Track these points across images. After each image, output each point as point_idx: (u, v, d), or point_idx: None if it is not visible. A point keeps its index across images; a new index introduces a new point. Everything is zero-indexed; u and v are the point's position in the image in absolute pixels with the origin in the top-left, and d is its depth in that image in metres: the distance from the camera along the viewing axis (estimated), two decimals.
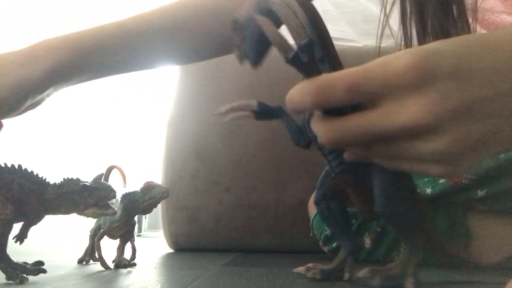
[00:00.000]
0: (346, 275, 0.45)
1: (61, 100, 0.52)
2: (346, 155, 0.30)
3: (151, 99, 2.11)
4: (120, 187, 0.61)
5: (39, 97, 0.48)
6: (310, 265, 0.47)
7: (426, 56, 0.24)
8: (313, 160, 1.02)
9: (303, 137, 0.41)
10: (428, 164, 0.26)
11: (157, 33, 0.56)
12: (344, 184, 0.40)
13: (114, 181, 0.62)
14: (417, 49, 0.24)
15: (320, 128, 0.27)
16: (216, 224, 1.08)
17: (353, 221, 0.83)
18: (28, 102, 0.46)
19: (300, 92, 0.26)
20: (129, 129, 2.21)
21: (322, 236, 0.87)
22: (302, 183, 1.06)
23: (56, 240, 1.43)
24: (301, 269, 0.48)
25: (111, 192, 0.50)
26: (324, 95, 0.25)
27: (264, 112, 0.40)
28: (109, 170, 0.65)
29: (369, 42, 1.19)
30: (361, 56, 1.09)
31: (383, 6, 0.58)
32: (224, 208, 1.08)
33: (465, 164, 0.25)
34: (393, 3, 0.57)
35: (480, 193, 0.63)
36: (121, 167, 0.64)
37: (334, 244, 0.85)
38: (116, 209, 0.52)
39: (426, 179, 0.67)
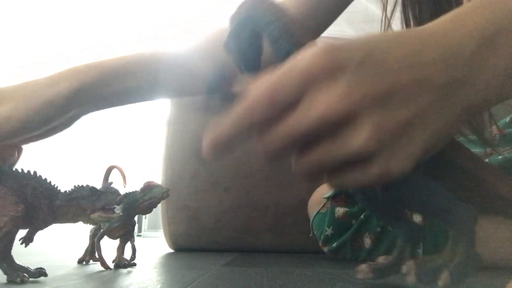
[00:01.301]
0: (404, 268, 0.39)
1: None
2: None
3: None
4: (120, 187, 0.61)
5: (65, 118, 0.50)
6: (366, 265, 0.43)
7: (329, 49, 0.24)
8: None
9: None
10: (361, 169, 0.24)
11: (175, 61, 0.60)
12: None
13: (114, 181, 0.62)
14: (321, 45, 0.24)
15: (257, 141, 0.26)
16: (216, 224, 1.08)
17: (353, 221, 0.83)
18: (55, 121, 0.49)
19: (229, 123, 0.25)
20: (129, 129, 2.21)
21: (322, 236, 0.87)
22: (302, 183, 1.06)
23: (56, 240, 1.43)
24: (362, 266, 0.43)
25: (117, 196, 0.52)
26: (250, 118, 0.24)
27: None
28: (109, 170, 0.65)
29: None
30: None
31: (384, 9, 0.58)
32: (224, 208, 1.08)
33: (398, 157, 0.24)
34: (394, 6, 0.57)
35: None
36: (121, 167, 0.64)
37: (334, 244, 0.85)
38: (120, 213, 0.53)
39: None
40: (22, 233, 0.47)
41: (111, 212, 0.51)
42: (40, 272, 0.45)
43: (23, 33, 2.13)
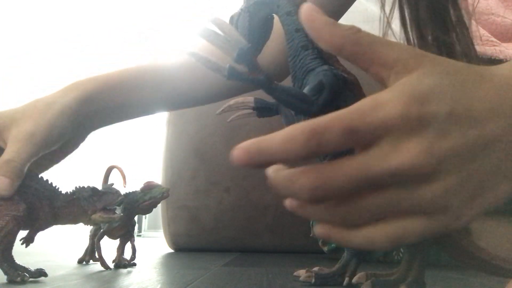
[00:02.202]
0: (346, 280, 0.42)
1: None
2: (318, 230, 0.25)
3: None
4: (120, 187, 0.61)
5: (76, 131, 0.52)
6: (315, 269, 0.45)
7: (420, 99, 0.22)
8: (313, 160, 1.02)
9: None
10: (421, 220, 0.23)
11: (177, 72, 0.61)
12: None
13: (114, 181, 0.62)
14: (409, 88, 0.23)
15: (301, 177, 0.23)
16: (216, 224, 1.08)
17: None
18: (68, 134, 0.51)
19: (286, 138, 0.22)
20: (129, 129, 2.21)
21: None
22: None
23: (56, 240, 1.43)
24: (301, 272, 0.47)
25: (118, 197, 0.52)
26: (317, 140, 0.22)
27: (263, 109, 0.39)
28: (109, 170, 0.65)
29: None
30: None
31: (382, 9, 0.58)
32: (224, 208, 1.08)
33: (466, 213, 0.23)
34: (392, 6, 0.57)
35: None
36: (121, 167, 0.64)
37: (334, 244, 0.85)
38: (120, 213, 0.54)
39: None
40: (21, 233, 0.47)
41: (112, 212, 0.51)
42: (41, 272, 0.45)
43: (23, 33, 2.13)
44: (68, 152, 0.55)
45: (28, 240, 0.48)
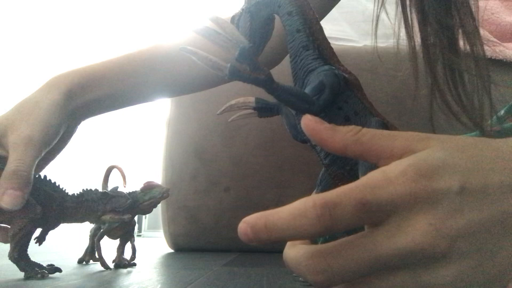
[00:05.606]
0: None
1: None
2: None
3: None
4: (120, 187, 0.61)
5: (66, 125, 0.52)
6: None
7: (428, 174, 0.21)
8: (313, 160, 1.02)
9: (301, 132, 0.40)
10: None
11: (163, 60, 0.60)
12: (335, 178, 0.39)
13: (114, 181, 0.62)
14: (417, 162, 0.21)
15: (305, 260, 0.22)
16: (216, 224, 1.08)
17: None
18: (62, 129, 0.51)
19: (296, 212, 0.22)
20: (129, 129, 2.21)
21: (321, 238, 0.87)
22: (302, 183, 1.06)
23: (56, 240, 1.43)
24: None
25: (127, 200, 0.56)
26: (330, 214, 0.21)
27: (264, 109, 0.40)
28: (109, 170, 0.65)
29: (369, 42, 1.19)
30: (361, 56, 1.09)
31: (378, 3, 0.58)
32: (224, 208, 1.08)
33: None
34: (383, 1, 0.57)
35: None
36: (121, 167, 0.64)
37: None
38: (130, 215, 0.57)
39: None
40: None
41: (122, 214, 0.55)
42: (56, 268, 0.49)
43: (23, 33, 2.13)
44: (62, 147, 0.55)
45: (40, 239, 0.52)
